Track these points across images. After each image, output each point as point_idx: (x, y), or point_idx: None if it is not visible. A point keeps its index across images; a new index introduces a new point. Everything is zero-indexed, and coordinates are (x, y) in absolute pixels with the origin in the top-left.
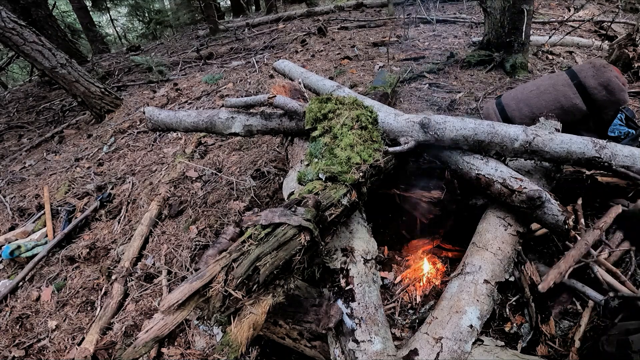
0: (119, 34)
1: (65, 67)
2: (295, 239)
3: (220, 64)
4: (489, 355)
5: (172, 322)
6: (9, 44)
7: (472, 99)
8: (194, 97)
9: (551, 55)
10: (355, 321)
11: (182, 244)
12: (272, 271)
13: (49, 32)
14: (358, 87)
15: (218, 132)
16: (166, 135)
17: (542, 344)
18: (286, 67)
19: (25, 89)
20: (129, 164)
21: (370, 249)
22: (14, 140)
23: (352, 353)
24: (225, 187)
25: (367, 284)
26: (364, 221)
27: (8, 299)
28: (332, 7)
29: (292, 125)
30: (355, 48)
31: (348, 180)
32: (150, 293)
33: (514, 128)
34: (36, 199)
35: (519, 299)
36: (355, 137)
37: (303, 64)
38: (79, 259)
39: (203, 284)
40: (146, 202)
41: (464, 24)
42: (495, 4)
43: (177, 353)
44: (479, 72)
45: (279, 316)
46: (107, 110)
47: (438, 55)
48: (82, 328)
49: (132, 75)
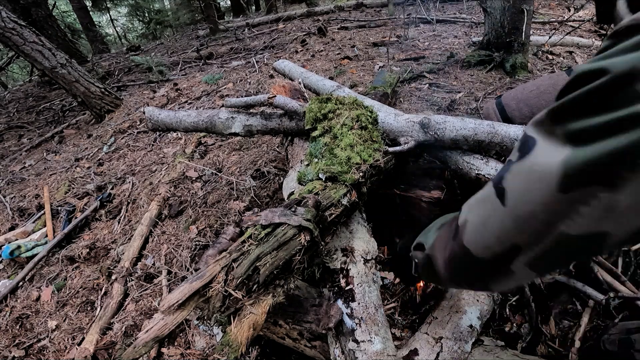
0: (119, 34)
1: (65, 67)
2: (295, 239)
3: (220, 64)
4: (489, 355)
5: (172, 322)
6: (9, 44)
7: (472, 99)
8: (194, 97)
9: (551, 55)
10: (355, 321)
11: (182, 244)
12: (272, 271)
13: (49, 32)
14: (358, 87)
15: (218, 132)
16: (166, 135)
17: (542, 344)
18: (286, 67)
19: (25, 89)
20: (129, 164)
21: (370, 249)
22: (14, 140)
23: (352, 353)
24: (225, 187)
25: (367, 284)
26: (364, 221)
27: (8, 299)
28: (332, 7)
29: (292, 125)
30: (355, 48)
31: (348, 180)
32: (150, 293)
33: (514, 128)
34: (36, 199)
35: (519, 299)
36: (355, 137)
37: (303, 64)
38: (79, 259)
39: (203, 284)
40: (146, 202)
41: (464, 24)
42: (495, 4)
43: (177, 353)
44: (479, 72)
45: (279, 316)
46: (107, 110)
47: (438, 55)
48: (82, 328)
49: (132, 75)
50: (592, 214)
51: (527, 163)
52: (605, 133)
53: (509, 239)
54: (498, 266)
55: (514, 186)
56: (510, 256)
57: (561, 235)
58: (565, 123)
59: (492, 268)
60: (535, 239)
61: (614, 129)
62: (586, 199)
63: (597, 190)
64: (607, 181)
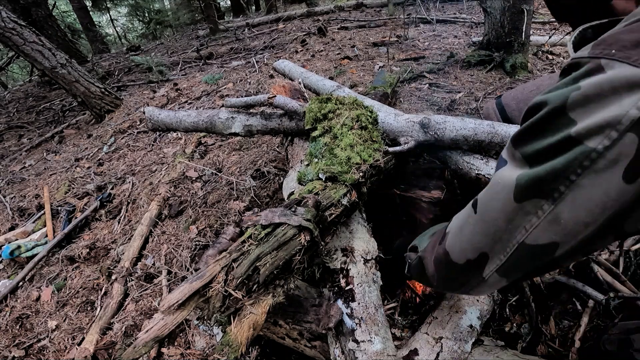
0: (119, 34)
1: (65, 67)
2: (295, 239)
3: (220, 64)
4: (489, 355)
5: (172, 322)
6: (9, 44)
7: (472, 99)
8: (194, 97)
9: (551, 55)
10: (355, 321)
11: (182, 244)
12: (272, 271)
13: (49, 32)
14: (358, 87)
15: (218, 132)
16: (166, 135)
17: (542, 344)
18: (286, 67)
19: (25, 89)
20: (129, 164)
21: (370, 249)
22: (14, 140)
23: (352, 353)
24: (225, 187)
25: (367, 284)
26: (364, 221)
27: (8, 299)
28: (332, 7)
29: (292, 125)
30: (355, 48)
31: (348, 180)
32: (150, 293)
33: (514, 128)
34: (36, 199)
35: (519, 299)
36: (355, 137)
37: (303, 64)
38: (79, 259)
39: (203, 284)
40: (146, 202)
41: (464, 24)
42: (495, 4)
43: (177, 353)
44: (479, 72)
45: (279, 316)
46: (107, 110)
47: (438, 55)
48: (82, 328)
49: (132, 75)
50: (541, 225)
51: (495, 178)
52: (549, 155)
53: (479, 245)
54: (472, 272)
55: (483, 196)
56: (481, 263)
57: (520, 245)
58: (521, 147)
59: (467, 273)
60: (500, 247)
61: (555, 151)
62: (535, 210)
63: (542, 202)
64: (548, 194)
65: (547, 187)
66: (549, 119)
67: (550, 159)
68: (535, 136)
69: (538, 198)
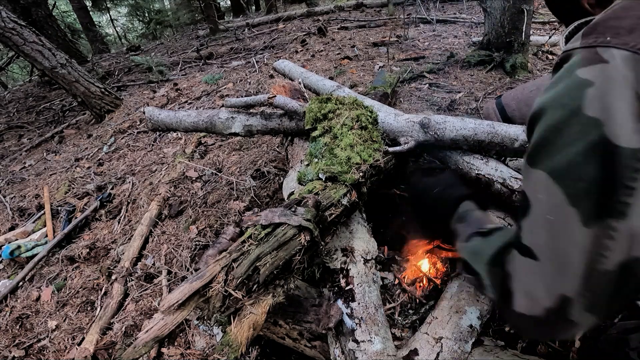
0: (119, 34)
1: (65, 67)
2: (295, 239)
3: (220, 64)
4: (489, 355)
5: (172, 322)
6: (9, 44)
7: (472, 99)
8: (194, 97)
9: (551, 55)
10: (355, 321)
11: (182, 244)
12: (272, 271)
13: (49, 32)
14: (358, 87)
15: (218, 132)
16: (166, 135)
17: (542, 344)
18: (286, 67)
19: (25, 89)
20: (129, 164)
21: (370, 249)
22: (14, 140)
23: (352, 353)
24: (225, 187)
25: (367, 284)
26: (364, 221)
27: (8, 299)
28: (332, 7)
29: (292, 125)
30: (355, 48)
31: (348, 180)
32: (150, 293)
33: (514, 128)
34: (36, 199)
35: None
36: (355, 137)
37: (303, 64)
38: (79, 259)
39: (203, 284)
40: (146, 202)
41: (464, 24)
42: (495, 4)
43: (177, 353)
44: (479, 72)
45: (279, 316)
46: (107, 110)
47: (438, 55)
48: (82, 328)
49: (132, 75)
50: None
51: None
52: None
53: (556, 290)
54: (556, 320)
55: (538, 239)
56: (564, 307)
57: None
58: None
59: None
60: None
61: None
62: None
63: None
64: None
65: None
66: (567, 122)
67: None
68: (557, 147)
69: (604, 218)
